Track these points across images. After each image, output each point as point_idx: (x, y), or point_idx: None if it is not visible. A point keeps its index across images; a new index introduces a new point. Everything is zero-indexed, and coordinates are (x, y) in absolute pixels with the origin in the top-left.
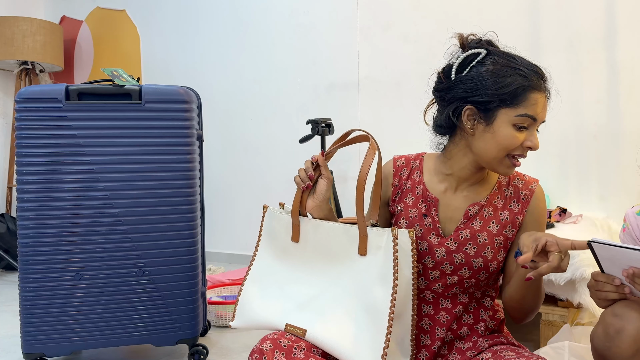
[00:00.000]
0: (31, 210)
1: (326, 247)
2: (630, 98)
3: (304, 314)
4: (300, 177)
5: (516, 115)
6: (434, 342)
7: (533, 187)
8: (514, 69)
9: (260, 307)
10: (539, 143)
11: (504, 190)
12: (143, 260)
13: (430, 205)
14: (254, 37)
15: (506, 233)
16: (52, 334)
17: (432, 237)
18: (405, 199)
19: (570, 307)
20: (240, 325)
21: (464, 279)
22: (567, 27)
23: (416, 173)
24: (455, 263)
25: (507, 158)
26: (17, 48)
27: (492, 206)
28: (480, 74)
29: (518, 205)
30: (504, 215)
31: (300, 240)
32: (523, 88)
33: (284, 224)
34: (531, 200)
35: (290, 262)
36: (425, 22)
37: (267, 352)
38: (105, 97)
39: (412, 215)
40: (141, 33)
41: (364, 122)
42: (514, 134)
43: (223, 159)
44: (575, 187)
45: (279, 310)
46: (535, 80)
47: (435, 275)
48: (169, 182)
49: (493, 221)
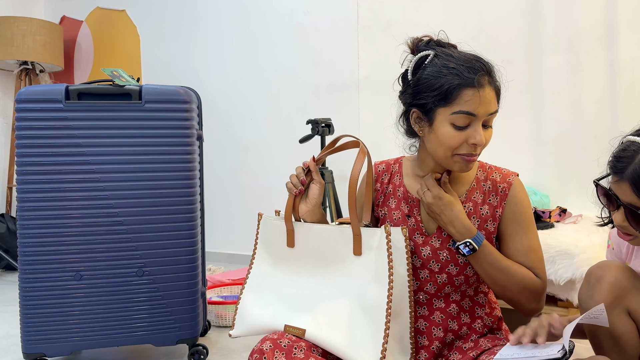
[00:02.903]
0: (31, 210)
1: (321, 250)
2: (630, 98)
3: (303, 315)
4: (292, 182)
5: (451, 113)
6: (431, 343)
7: (511, 180)
8: (449, 69)
9: (258, 313)
10: (483, 139)
11: (482, 185)
12: (143, 260)
13: (412, 206)
14: (254, 37)
15: (487, 227)
16: (52, 334)
17: (417, 236)
18: (388, 203)
19: (570, 307)
20: (240, 334)
21: (453, 276)
22: (567, 28)
23: (396, 177)
24: (441, 260)
25: (457, 156)
26: (17, 48)
27: (471, 202)
28: (421, 77)
29: (497, 198)
30: (484, 209)
31: (296, 245)
32: (455, 86)
33: (278, 231)
34: (509, 192)
35: (287, 268)
36: (425, 22)
37: (267, 352)
38: (105, 97)
39: (395, 217)
40: (141, 33)
41: (364, 122)
42: (453, 133)
43: (223, 158)
44: (575, 187)
45: (277, 313)
46: (468, 76)
47: (425, 275)
48: (169, 182)
49: (474, 216)
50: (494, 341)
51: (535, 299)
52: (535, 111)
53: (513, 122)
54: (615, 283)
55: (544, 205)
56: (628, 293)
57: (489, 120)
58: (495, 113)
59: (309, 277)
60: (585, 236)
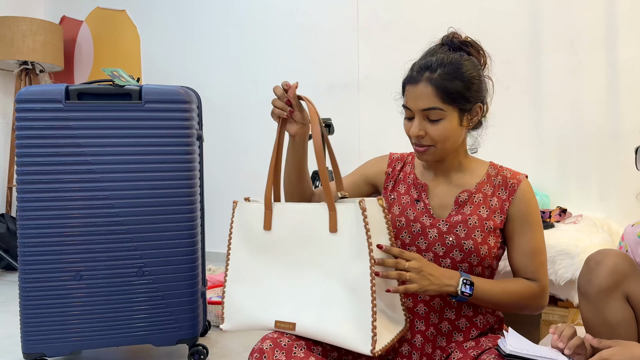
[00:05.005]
0: (31, 210)
1: (299, 230)
2: (630, 98)
3: (290, 307)
4: (278, 107)
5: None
6: (427, 328)
7: (520, 178)
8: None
9: (246, 308)
10: (416, 130)
11: (492, 179)
12: (143, 260)
13: (421, 191)
14: (254, 37)
15: (495, 218)
16: (52, 334)
17: (425, 218)
18: (398, 188)
19: (570, 307)
20: (231, 328)
21: (457, 262)
22: (567, 28)
23: (408, 166)
24: (447, 244)
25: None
26: (17, 48)
27: (481, 193)
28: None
29: (505, 192)
30: (493, 201)
31: (273, 226)
32: (403, 82)
33: (254, 212)
34: (517, 189)
35: (266, 253)
36: (425, 22)
37: (267, 352)
38: (105, 97)
39: (404, 201)
40: (141, 33)
41: (364, 122)
42: (404, 123)
43: (223, 159)
44: (575, 187)
45: (265, 307)
46: (410, 74)
47: (430, 258)
48: (169, 182)
49: (483, 206)
50: (495, 341)
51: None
52: (535, 111)
53: (513, 122)
54: (615, 267)
55: (544, 205)
56: (627, 278)
57: (429, 115)
58: (433, 110)
59: (290, 262)
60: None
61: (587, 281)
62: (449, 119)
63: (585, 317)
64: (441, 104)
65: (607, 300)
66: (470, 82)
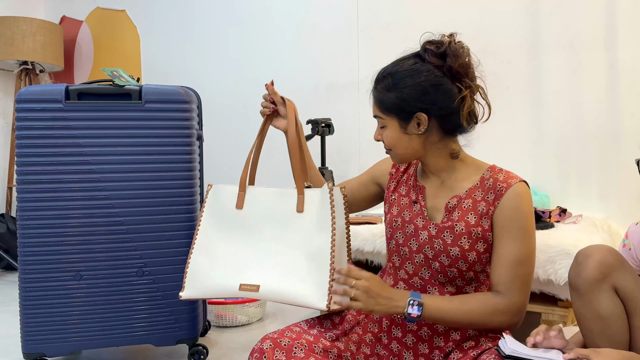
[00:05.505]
0: (31, 210)
1: (268, 211)
2: (630, 98)
3: (255, 272)
4: (263, 105)
5: None
6: (420, 328)
7: (512, 182)
8: None
9: (209, 275)
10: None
11: (485, 183)
12: (143, 260)
13: (418, 193)
14: (254, 37)
15: (483, 224)
16: (52, 334)
17: (419, 220)
18: (399, 189)
19: (570, 307)
20: (191, 296)
21: (445, 266)
22: (567, 28)
23: (412, 168)
24: (435, 248)
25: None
26: (17, 48)
27: (471, 199)
28: None
29: (492, 196)
30: (481, 206)
31: (245, 206)
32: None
33: (229, 192)
34: (505, 193)
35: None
36: (425, 22)
37: (268, 351)
38: (105, 97)
39: (403, 203)
40: (141, 33)
41: (364, 122)
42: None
43: (223, 159)
44: (575, 187)
45: (230, 273)
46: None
47: (420, 259)
48: (169, 182)
49: (471, 212)
50: (495, 341)
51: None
52: (535, 111)
53: (513, 122)
54: (602, 260)
55: (544, 205)
56: (615, 270)
57: (379, 122)
58: (377, 118)
59: (258, 237)
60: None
61: (577, 275)
62: (390, 127)
63: (578, 311)
64: (381, 113)
65: (597, 292)
66: (409, 94)
